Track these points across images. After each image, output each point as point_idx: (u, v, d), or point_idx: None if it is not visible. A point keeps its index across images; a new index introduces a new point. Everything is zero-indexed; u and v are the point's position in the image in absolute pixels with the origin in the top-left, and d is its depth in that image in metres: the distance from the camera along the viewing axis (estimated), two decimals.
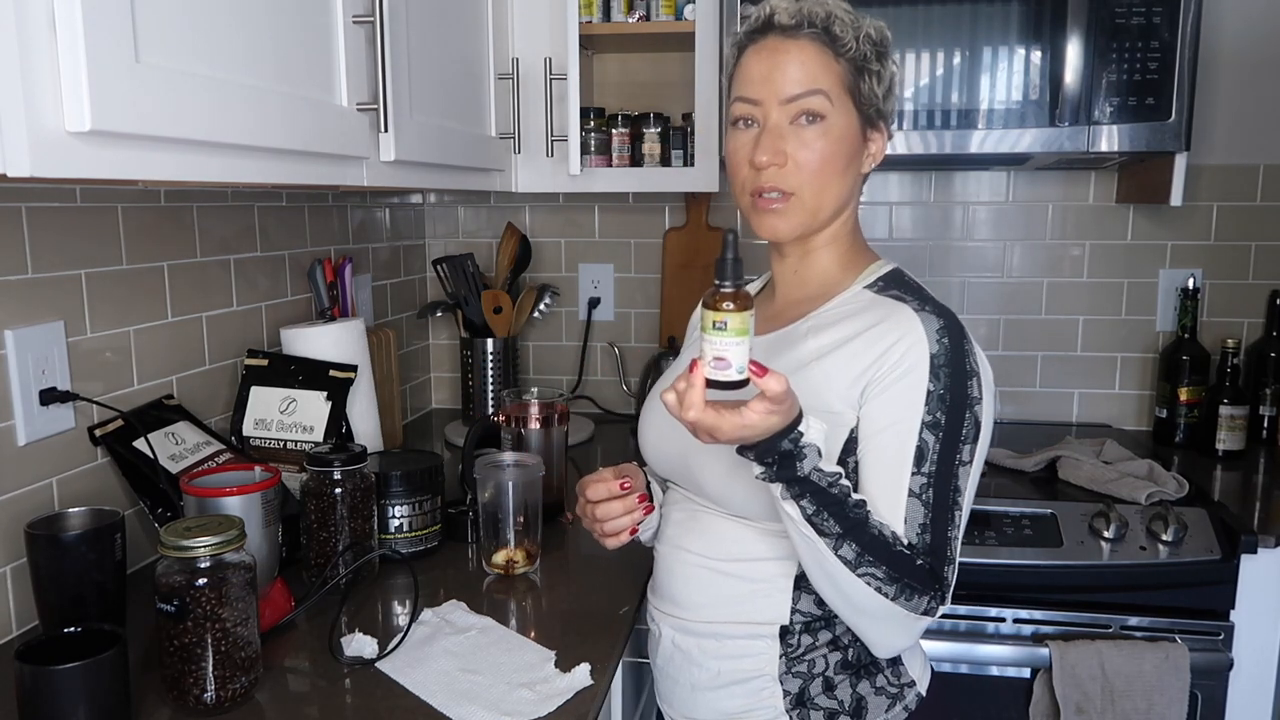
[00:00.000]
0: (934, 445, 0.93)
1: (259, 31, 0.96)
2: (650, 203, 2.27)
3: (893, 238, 2.21)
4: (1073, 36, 1.65)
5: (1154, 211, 2.11)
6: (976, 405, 0.95)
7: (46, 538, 1.07)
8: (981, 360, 0.97)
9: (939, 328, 0.95)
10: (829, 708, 1.00)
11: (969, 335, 0.97)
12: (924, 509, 0.92)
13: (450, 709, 0.98)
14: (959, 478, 0.94)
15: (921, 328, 0.94)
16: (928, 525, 0.92)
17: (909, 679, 1.04)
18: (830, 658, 1.01)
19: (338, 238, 1.90)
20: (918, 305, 0.97)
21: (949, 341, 0.94)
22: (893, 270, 1.06)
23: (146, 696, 1.00)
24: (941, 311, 0.97)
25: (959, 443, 0.94)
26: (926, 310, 0.96)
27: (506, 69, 1.75)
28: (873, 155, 1.05)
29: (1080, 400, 2.21)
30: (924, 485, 0.93)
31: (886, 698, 1.02)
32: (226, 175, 0.92)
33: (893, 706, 1.02)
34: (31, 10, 0.68)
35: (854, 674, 1.01)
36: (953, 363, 0.94)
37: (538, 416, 1.53)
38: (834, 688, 1.01)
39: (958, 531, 0.94)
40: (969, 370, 0.94)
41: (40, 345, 1.17)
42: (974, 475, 0.96)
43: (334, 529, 1.26)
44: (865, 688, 1.01)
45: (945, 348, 0.94)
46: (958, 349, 0.94)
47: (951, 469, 0.93)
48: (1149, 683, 1.53)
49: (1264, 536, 1.55)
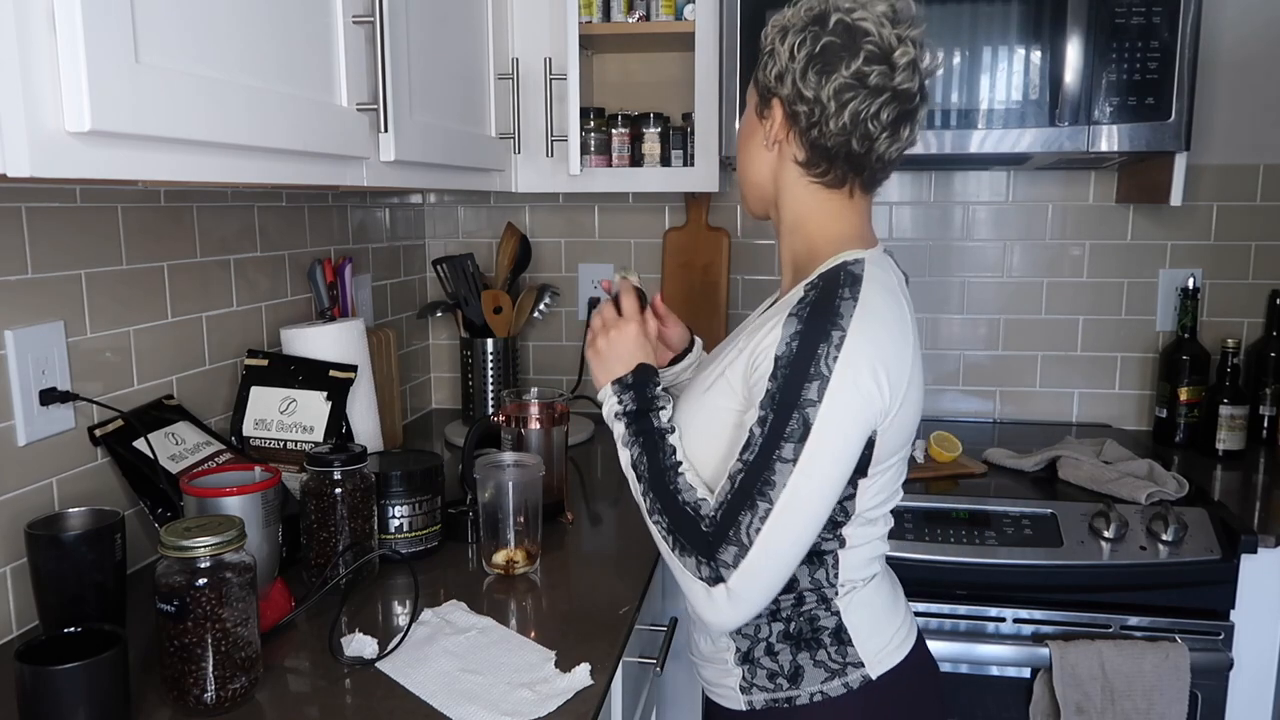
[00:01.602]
0: (758, 437, 0.98)
1: (259, 31, 0.96)
2: (650, 203, 2.27)
3: (893, 237, 2.21)
4: (1073, 36, 1.65)
5: (1154, 211, 2.11)
6: (810, 408, 0.96)
7: (46, 538, 1.06)
8: (845, 365, 0.97)
9: (794, 332, 0.98)
10: (770, 669, 1.09)
11: (838, 340, 0.97)
12: (728, 489, 0.99)
13: (450, 709, 0.98)
14: (775, 472, 0.97)
15: (780, 331, 0.99)
16: (725, 504, 0.99)
17: (856, 659, 1.07)
18: (773, 626, 1.09)
19: (338, 238, 1.90)
20: (798, 309, 1.00)
21: (798, 345, 0.98)
22: (834, 266, 1.04)
23: (146, 696, 1.00)
24: (816, 316, 0.98)
25: (780, 440, 0.97)
26: (797, 315, 0.99)
27: (506, 69, 1.75)
28: (771, 128, 1.08)
29: (1080, 400, 2.21)
30: (738, 470, 0.99)
31: (825, 670, 1.07)
32: (226, 175, 0.92)
33: (830, 679, 1.07)
34: (31, 10, 0.68)
35: (794, 644, 1.08)
36: (794, 364, 0.97)
37: (538, 416, 1.53)
38: (775, 653, 1.09)
39: (757, 520, 0.97)
40: (810, 374, 0.97)
41: (40, 345, 1.17)
42: (808, 477, 0.97)
43: (334, 529, 1.26)
44: (804, 658, 1.08)
45: (792, 351, 0.98)
46: (806, 352, 0.97)
47: (768, 462, 0.97)
48: (1149, 682, 1.53)
49: (1264, 536, 1.55)
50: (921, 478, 1.79)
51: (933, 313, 2.22)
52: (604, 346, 1.13)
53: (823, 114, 1.02)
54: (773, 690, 1.08)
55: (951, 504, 1.68)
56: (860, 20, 1.00)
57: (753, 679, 1.10)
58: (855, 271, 1.02)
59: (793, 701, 1.07)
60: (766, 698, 1.09)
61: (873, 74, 1.00)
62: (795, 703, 1.07)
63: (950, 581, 1.62)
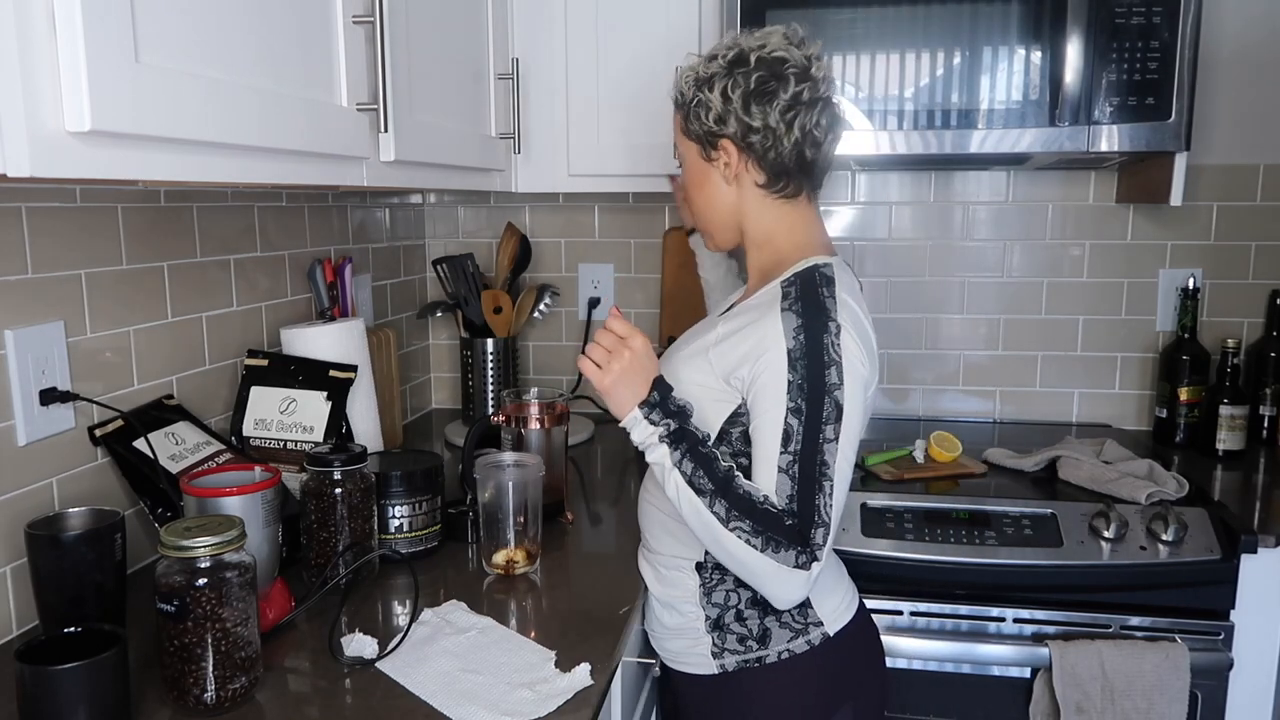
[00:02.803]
0: (798, 429, 1.09)
1: (259, 32, 0.96)
2: (650, 203, 2.27)
3: (892, 237, 2.21)
4: (1073, 36, 1.65)
5: (1154, 211, 2.11)
6: (837, 391, 1.09)
7: (46, 538, 1.07)
8: (848, 348, 1.11)
9: (796, 325, 1.10)
10: (740, 633, 1.21)
11: (834, 329, 1.11)
12: (791, 483, 1.09)
13: (450, 709, 0.98)
14: (824, 453, 1.09)
15: (780, 326, 1.11)
16: (795, 495, 1.09)
17: (815, 619, 1.20)
18: (741, 594, 1.20)
19: (338, 238, 1.90)
20: (788, 304, 1.12)
21: (804, 337, 1.10)
22: (808, 267, 1.17)
23: (146, 696, 1.00)
24: (808, 309, 1.11)
25: (821, 424, 1.09)
26: (792, 309, 1.12)
27: (506, 69, 1.75)
28: (726, 164, 1.21)
29: (1080, 400, 2.21)
30: (790, 463, 1.09)
31: (790, 631, 1.20)
32: (226, 175, 0.92)
33: (795, 639, 1.20)
34: (31, 10, 0.68)
35: (761, 609, 1.20)
36: (809, 354, 1.09)
37: (538, 416, 1.53)
38: (744, 618, 1.21)
39: (828, 499, 1.09)
40: (826, 360, 1.09)
41: (40, 345, 1.17)
42: (843, 451, 1.10)
43: (334, 529, 1.26)
44: (771, 621, 1.20)
45: (801, 343, 1.10)
46: (814, 342, 1.10)
47: (817, 446, 1.09)
48: (1149, 682, 1.53)
49: (1264, 536, 1.55)
50: (921, 478, 1.79)
51: (933, 313, 2.22)
52: (620, 370, 1.14)
53: (775, 137, 1.17)
54: (744, 652, 1.20)
55: (951, 504, 1.68)
56: (774, 52, 1.16)
57: (723, 644, 1.21)
58: (827, 274, 1.16)
59: (762, 660, 1.20)
60: (738, 659, 1.21)
61: (803, 91, 1.16)
62: (765, 661, 1.20)
63: (950, 581, 1.62)
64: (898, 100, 1.72)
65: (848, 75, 1.73)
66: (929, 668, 1.66)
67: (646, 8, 1.84)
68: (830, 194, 2.21)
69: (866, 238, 2.22)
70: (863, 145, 1.74)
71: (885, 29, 1.70)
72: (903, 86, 1.71)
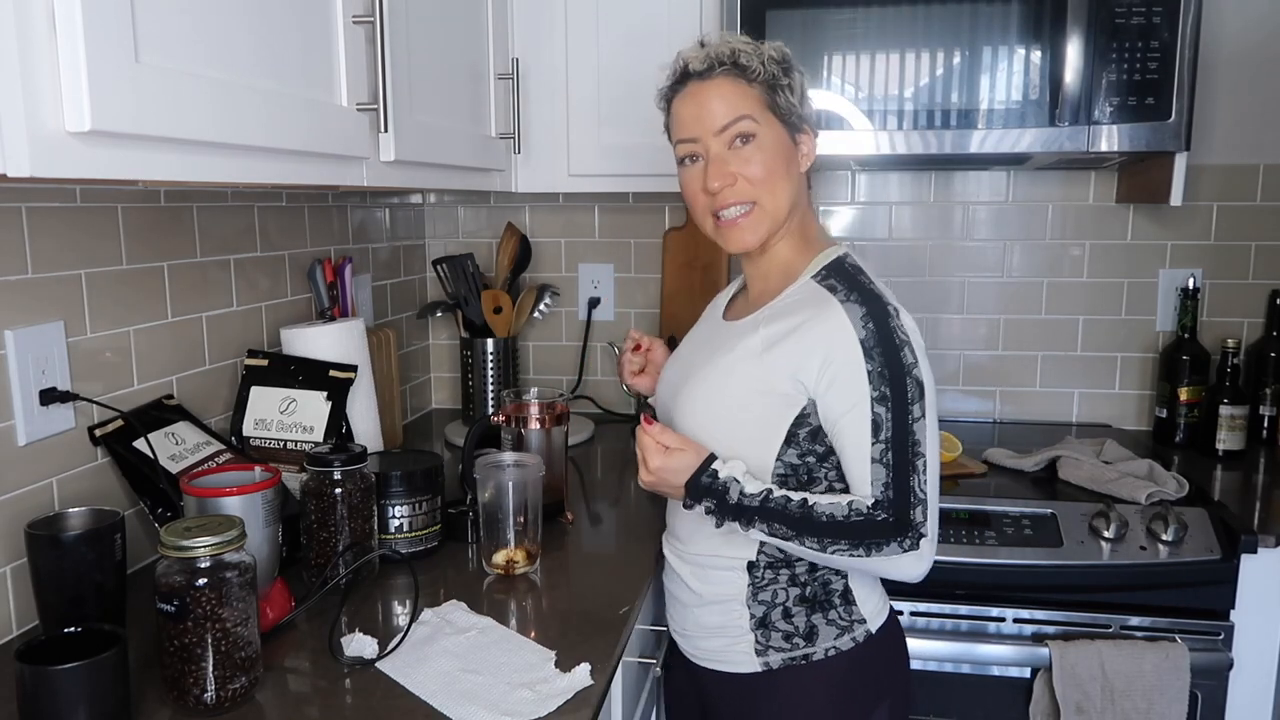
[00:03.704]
0: (886, 415, 1.10)
1: (259, 32, 0.96)
2: (650, 203, 2.27)
3: (892, 237, 2.21)
4: (1073, 36, 1.65)
5: (1154, 211, 2.11)
6: (915, 369, 1.11)
7: (46, 538, 1.06)
8: (908, 327, 1.13)
9: (862, 315, 1.11)
10: (786, 630, 1.20)
11: (893, 311, 1.13)
12: (886, 470, 1.10)
13: (450, 709, 0.98)
14: (915, 433, 1.11)
15: (846, 318, 1.11)
16: (890, 483, 1.10)
17: (860, 616, 1.20)
18: (790, 591, 1.19)
19: (338, 238, 1.90)
20: (844, 295, 1.13)
21: (874, 325, 1.11)
22: (836, 259, 1.20)
23: (146, 696, 1.00)
24: (866, 298, 1.13)
25: (908, 405, 1.10)
26: (851, 300, 1.12)
27: (506, 69, 1.75)
28: (805, 155, 1.22)
29: (1080, 400, 2.21)
30: (883, 451, 1.10)
31: (836, 628, 1.19)
32: (226, 175, 0.92)
33: (841, 635, 1.20)
34: (31, 10, 0.68)
35: (809, 606, 1.19)
36: (882, 341, 1.10)
37: (538, 416, 1.53)
38: (791, 616, 1.20)
39: (923, 476, 1.11)
40: (898, 343, 1.11)
41: (40, 345, 1.17)
42: (930, 423, 1.12)
43: (334, 529, 1.26)
44: (818, 618, 1.19)
45: (871, 331, 1.10)
46: (883, 328, 1.11)
47: (906, 429, 1.10)
48: (1149, 682, 1.53)
49: (1264, 536, 1.55)
50: None
51: (933, 313, 2.22)
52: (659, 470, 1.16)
53: (813, 127, 1.22)
54: (789, 650, 1.19)
55: (951, 504, 1.68)
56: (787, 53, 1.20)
57: (768, 642, 1.20)
58: (855, 264, 1.19)
59: (809, 658, 1.19)
60: (783, 657, 1.20)
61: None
62: (811, 659, 1.19)
63: (950, 581, 1.62)
64: (898, 100, 1.72)
65: (848, 75, 1.73)
66: (929, 668, 1.66)
67: (646, 8, 1.84)
68: (830, 194, 2.21)
69: (866, 238, 2.22)
70: (863, 145, 1.74)
71: (885, 29, 1.70)
72: (902, 86, 1.71)
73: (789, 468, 1.16)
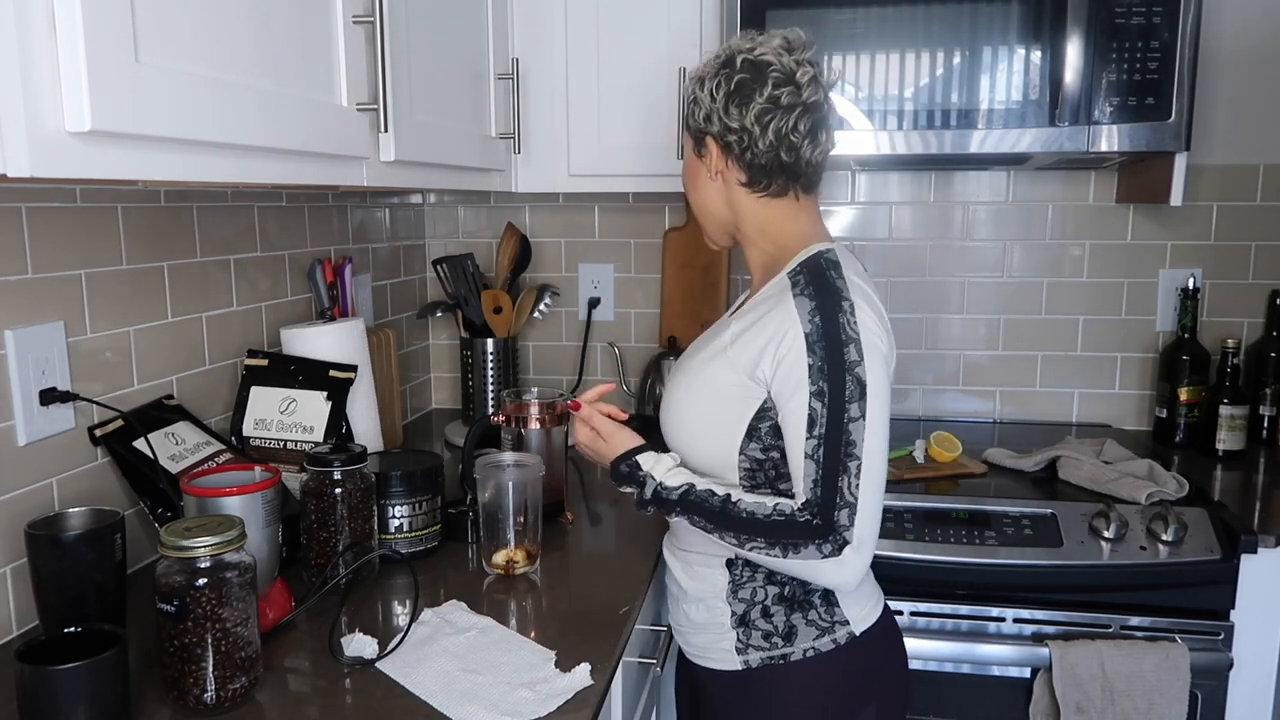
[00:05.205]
0: (822, 411, 1.09)
1: (259, 32, 0.96)
2: (650, 203, 2.27)
3: (892, 237, 2.21)
4: (1073, 36, 1.65)
5: (1154, 211, 2.11)
6: (858, 367, 1.10)
7: (46, 538, 1.07)
8: (865, 325, 1.11)
9: (810, 308, 1.11)
10: (765, 629, 1.20)
11: (848, 307, 1.11)
12: (816, 467, 1.10)
13: (450, 709, 0.98)
14: (850, 433, 1.09)
15: (795, 311, 1.12)
16: (818, 480, 1.09)
17: (842, 618, 1.20)
18: (769, 590, 1.20)
19: (338, 238, 1.90)
20: (800, 290, 1.13)
21: (820, 319, 1.10)
22: (813, 254, 1.19)
23: (146, 696, 1.00)
24: (820, 292, 1.12)
25: (845, 403, 1.09)
26: (804, 294, 1.13)
27: (506, 69, 1.75)
28: (711, 163, 1.23)
29: (1080, 400, 2.21)
30: (815, 446, 1.10)
31: (816, 629, 1.19)
32: (226, 175, 0.92)
33: (821, 637, 1.19)
34: (31, 10, 0.68)
35: (788, 606, 1.20)
36: (826, 336, 1.10)
37: (538, 416, 1.53)
38: (770, 615, 1.20)
39: (854, 479, 1.09)
40: (844, 339, 1.10)
41: (40, 345, 1.17)
42: (873, 426, 1.10)
43: (334, 529, 1.26)
44: (798, 618, 1.19)
45: (817, 325, 1.10)
46: (830, 323, 1.10)
47: (841, 427, 1.09)
48: (1149, 683, 1.53)
49: (1264, 536, 1.55)
50: (921, 478, 1.79)
51: (933, 313, 2.22)
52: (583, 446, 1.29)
53: (750, 138, 1.18)
54: (768, 649, 1.20)
55: (951, 504, 1.68)
56: (761, 55, 1.17)
57: (748, 640, 1.21)
58: (832, 259, 1.17)
59: (787, 658, 1.19)
60: (762, 656, 1.20)
61: (783, 95, 1.16)
62: (790, 659, 1.19)
63: (950, 581, 1.62)
64: (898, 100, 1.72)
65: (848, 75, 1.73)
66: (929, 668, 1.66)
67: (647, 8, 1.84)
68: (830, 194, 2.21)
69: (866, 238, 2.22)
70: (863, 145, 1.74)
71: (885, 29, 1.70)
72: (903, 86, 1.71)
73: (754, 462, 1.16)
